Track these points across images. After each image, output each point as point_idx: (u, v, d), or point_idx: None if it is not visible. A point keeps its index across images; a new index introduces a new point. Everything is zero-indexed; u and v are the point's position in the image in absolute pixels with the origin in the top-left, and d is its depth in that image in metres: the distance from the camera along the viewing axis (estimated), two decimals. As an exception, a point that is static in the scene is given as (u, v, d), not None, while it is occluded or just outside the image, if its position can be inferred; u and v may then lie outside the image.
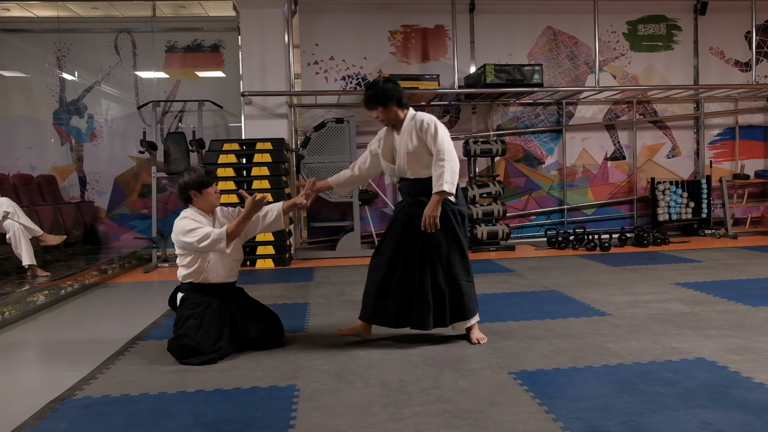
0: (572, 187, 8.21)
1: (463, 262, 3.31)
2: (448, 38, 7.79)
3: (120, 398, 2.63)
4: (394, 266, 3.29)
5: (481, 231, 7.12)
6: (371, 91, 3.28)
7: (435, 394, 2.54)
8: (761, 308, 3.91)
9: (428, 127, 3.21)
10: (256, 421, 2.33)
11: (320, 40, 7.72)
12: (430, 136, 3.19)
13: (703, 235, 8.05)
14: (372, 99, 3.28)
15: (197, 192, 3.27)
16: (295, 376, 2.83)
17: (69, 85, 7.80)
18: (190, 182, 3.26)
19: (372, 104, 3.30)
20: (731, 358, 2.92)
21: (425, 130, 3.21)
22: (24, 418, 2.42)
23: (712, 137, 8.48)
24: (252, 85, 7.15)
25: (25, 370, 3.23)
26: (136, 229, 7.80)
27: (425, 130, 3.21)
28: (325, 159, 7.05)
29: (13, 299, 4.25)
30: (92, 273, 5.60)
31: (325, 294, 4.85)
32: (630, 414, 2.28)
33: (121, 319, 4.27)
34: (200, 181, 3.26)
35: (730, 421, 2.19)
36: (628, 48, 8.20)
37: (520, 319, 3.81)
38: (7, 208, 5.01)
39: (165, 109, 7.85)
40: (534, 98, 7.98)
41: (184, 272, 3.29)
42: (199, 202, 3.29)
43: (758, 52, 8.28)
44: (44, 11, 7.68)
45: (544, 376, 2.74)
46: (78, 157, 7.82)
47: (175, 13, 8.00)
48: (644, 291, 4.57)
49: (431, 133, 3.19)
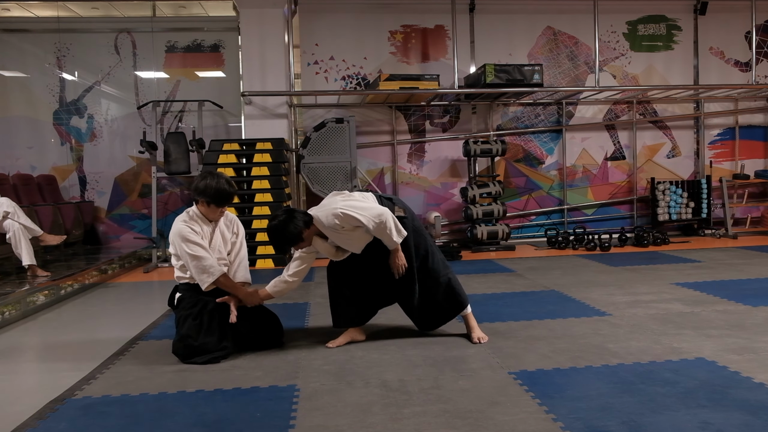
0: (572, 187, 8.21)
1: (434, 259, 3.35)
2: (448, 38, 7.79)
3: (120, 398, 2.63)
4: (362, 271, 3.34)
5: (481, 231, 7.12)
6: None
7: (435, 394, 2.54)
8: (761, 308, 3.91)
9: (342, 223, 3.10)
10: (256, 421, 2.33)
11: (320, 40, 7.72)
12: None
13: (703, 235, 8.05)
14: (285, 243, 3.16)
15: (209, 203, 3.22)
16: (295, 376, 2.83)
17: (69, 85, 7.80)
18: (208, 191, 3.18)
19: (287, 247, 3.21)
20: (731, 358, 2.92)
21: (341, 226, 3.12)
22: (24, 418, 2.42)
23: (712, 137, 8.48)
24: (252, 85, 7.14)
25: (25, 370, 3.23)
26: (136, 229, 7.80)
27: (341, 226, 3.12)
28: (325, 159, 7.05)
29: (13, 299, 4.25)
30: (92, 273, 5.60)
31: (325, 294, 4.79)
32: (630, 414, 2.28)
33: (121, 319, 4.27)
34: (219, 197, 3.20)
35: (730, 421, 2.19)
36: (628, 48, 8.20)
37: (520, 319, 3.81)
38: (7, 208, 5.01)
39: (165, 109, 7.85)
40: (534, 98, 7.98)
41: (179, 273, 3.29)
42: (205, 210, 3.26)
43: (758, 52, 8.28)
44: (44, 11, 7.68)
45: (544, 376, 2.74)
46: (78, 157, 7.82)
47: (175, 13, 8.00)
48: (644, 291, 4.57)
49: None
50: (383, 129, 7.88)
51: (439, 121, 7.98)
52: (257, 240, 6.53)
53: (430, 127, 7.96)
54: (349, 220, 3.07)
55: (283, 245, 3.17)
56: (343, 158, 7.05)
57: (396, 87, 6.99)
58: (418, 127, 7.93)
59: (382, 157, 7.88)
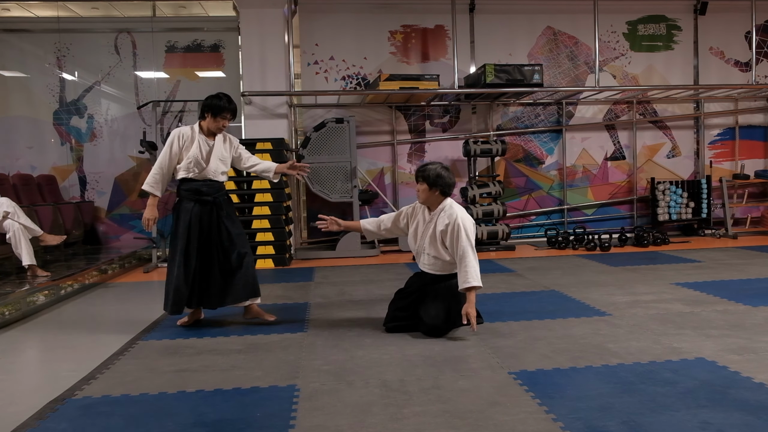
0: (572, 187, 8.21)
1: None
2: (448, 38, 7.79)
3: (120, 398, 2.63)
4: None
5: (481, 231, 7.12)
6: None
7: (435, 394, 2.54)
8: (761, 308, 3.91)
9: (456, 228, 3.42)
10: (256, 421, 2.33)
11: (320, 40, 7.72)
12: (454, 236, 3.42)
13: (703, 235, 8.05)
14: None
15: (210, 115, 3.75)
16: (295, 376, 2.83)
17: (69, 85, 7.81)
18: (210, 105, 3.75)
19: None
20: (731, 358, 2.92)
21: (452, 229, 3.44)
22: (24, 418, 2.42)
23: (712, 137, 8.48)
24: (252, 85, 7.15)
25: (25, 370, 3.23)
26: (136, 229, 7.80)
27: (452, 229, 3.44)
28: (325, 159, 7.05)
29: (13, 299, 4.25)
30: (92, 273, 5.60)
31: (325, 294, 4.85)
32: (630, 414, 2.28)
33: (121, 319, 4.27)
34: (216, 109, 3.73)
35: (730, 421, 2.19)
36: (628, 48, 8.20)
37: (520, 319, 3.81)
38: (7, 208, 5.01)
39: (165, 109, 7.85)
40: (534, 98, 7.99)
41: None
42: (206, 123, 3.79)
43: (758, 52, 8.28)
44: (44, 11, 7.69)
45: (544, 376, 2.74)
46: (78, 157, 7.82)
47: (175, 13, 8.00)
48: (644, 291, 4.57)
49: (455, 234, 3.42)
50: (383, 129, 7.88)
51: (439, 121, 7.98)
52: (257, 240, 6.53)
53: (430, 127, 7.96)
54: (460, 233, 3.36)
55: (441, 184, 3.46)
56: (343, 158, 7.05)
57: (396, 87, 6.99)
58: (418, 127, 7.93)
59: (382, 157, 7.88)
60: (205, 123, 3.80)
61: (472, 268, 3.32)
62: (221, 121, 3.77)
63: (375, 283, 5.27)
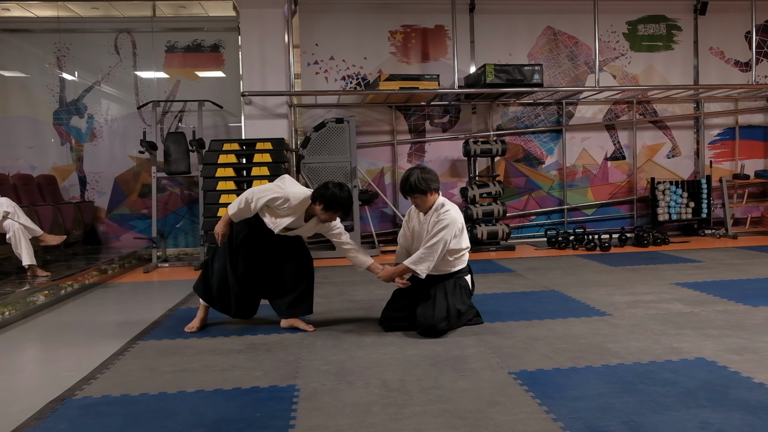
0: (572, 187, 8.21)
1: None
2: (448, 38, 7.79)
3: (120, 398, 2.63)
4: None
5: (481, 231, 7.12)
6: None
7: (435, 394, 2.54)
8: (761, 308, 3.91)
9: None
10: (256, 421, 2.33)
11: (320, 40, 7.72)
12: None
13: (703, 235, 8.05)
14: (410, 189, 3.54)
15: (323, 207, 3.50)
16: (295, 376, 2.83)
17: (69, 85, 7.80)
18: (331, 199, 3.48)
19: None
20: (731, 358, 2.92)
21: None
22: (24, 418, 2.42)
23: (712, 137, 8.48)
24: (252, 85, 7.15)
25: (25, 370, 3.23)
26: (136, 229, 7.80)
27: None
28: (325, 159, 7.05)
29: (13, 299, 4.25)
30: (92, 273, 5.60)
31: (325, 294, 4.85)
32: (630, 414, 2.28)
33: (121, 319, 4.27)
34: (336, 204, 3.50)
35: (730, 421, 2.19)
36: (628, 48, 8.20)
37: (520, 319, 3.81)
38: (7, 208, 5.00)
39: (165, 109, 7.84)
40: (534, 98, 7.99)
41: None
42: (316, 209, 3.55)
43: (758, 52, 8.28)
44: (44, 11, 7.68)
45: (544, 376, 2.74)
46: (78, 157, 7.82)
47: (175, 13, 8.00)
48: (644, 291, 4.57)
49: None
50: (383, 129, 7.88)
51: (439, 121, 7.98)
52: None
53: (430, 127, 7.96)
54: (443, 228, 3.46)
55: (433, 184, 3.53)
56: (343, 158, 7.05)
57: (396, 87, 6.99)
58: (418, 127, 7.93)
59: (382, 157, 7.88)
60: (315, 208, 3.56)
61: (428, 260, 3.44)
62: (331, 215, 3.57)
63: (375, 283, 5.26)
